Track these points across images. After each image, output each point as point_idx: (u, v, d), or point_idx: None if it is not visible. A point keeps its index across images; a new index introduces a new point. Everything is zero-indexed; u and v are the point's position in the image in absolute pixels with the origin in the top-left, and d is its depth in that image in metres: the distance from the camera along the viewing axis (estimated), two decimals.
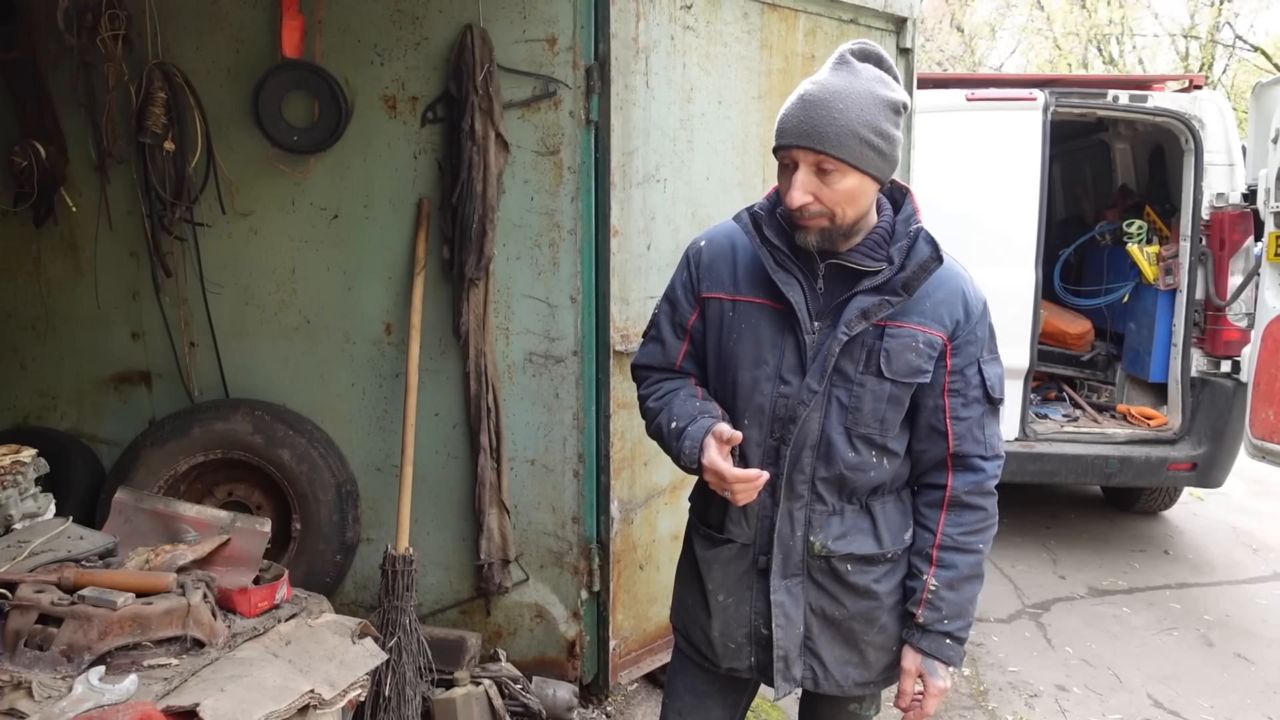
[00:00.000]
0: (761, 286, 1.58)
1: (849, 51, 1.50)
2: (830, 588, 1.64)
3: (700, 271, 1.65)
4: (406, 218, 2.88)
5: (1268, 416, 3.94)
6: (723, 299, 1.62)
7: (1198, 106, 4.40)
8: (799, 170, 1.48)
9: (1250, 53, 17.29)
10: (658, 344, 1.72)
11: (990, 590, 4.25)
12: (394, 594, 2.65)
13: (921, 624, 1.62)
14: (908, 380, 1.57)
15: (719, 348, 1.64)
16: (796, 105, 1.48)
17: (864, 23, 3.63)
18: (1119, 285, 5.19)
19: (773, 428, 1.59)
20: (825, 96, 1.45)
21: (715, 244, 1.66)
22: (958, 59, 20.71)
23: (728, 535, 1.67)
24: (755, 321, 1.59)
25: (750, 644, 1.67)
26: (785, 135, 1.49)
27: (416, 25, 2.80)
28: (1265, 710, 3.25)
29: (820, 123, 1.45)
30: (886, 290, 1.53)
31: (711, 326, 1.64)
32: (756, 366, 1.59)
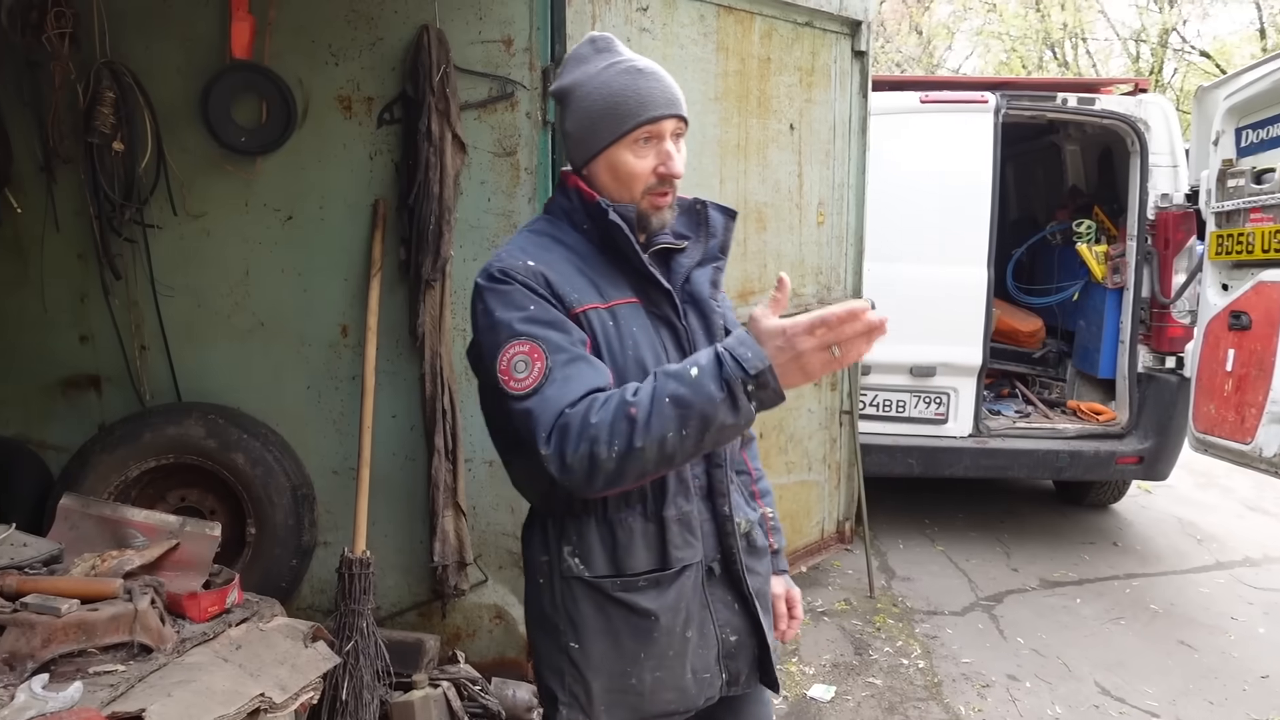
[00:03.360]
0: (624, 286, 1.48)
1: (610, 39, 1.51)
2: (750, 563, 1.59)
3: (556, 289, 1.41)
4: (362, 219, 2.86)
5: (1209, 410, 4.05)
6: (599, 308, 1.44)
7: (1143, 109, 4.51)
8: (668, 140, 1.45)
9: (1198, 57, 17.74)
10: (584, 363, 1.36)
11: (945, 583, 4.33)
12: (351, 597, 2.63)
13: (775, 549, 1.71)
14: (719, 300, 1.61)
15: (619, 364, 1.42)
16: (641, 78, 1.44)
17: (819, 25, 3.69)
18: (1069, 284, 5.31)
19: None
20: (656, 69, 1.46)
21: (548, 257, 1.44)
22: (916, 60, 20.98)
23: (676, 564, 1.48)
24: (638, 322, 1.47)
25: (719, 663, 1.54)
26: (651, 106, 1.42)
27: (372, 26, 2.79)
28: (1206, 695, 3.35)
29: (674, 91, 1.47)
30: (709, 259, 1.55)
31: (600, 341, 1.43)
32: (658, 365, 1.43)
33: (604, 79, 1.44)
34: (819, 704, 3.26)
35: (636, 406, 1.25)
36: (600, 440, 1.26)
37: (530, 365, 1.33)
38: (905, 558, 4.67)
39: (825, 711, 3.22)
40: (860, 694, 3.34)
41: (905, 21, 21.33)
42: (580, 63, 1.49)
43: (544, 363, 1.33)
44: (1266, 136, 3.92)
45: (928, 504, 5.41)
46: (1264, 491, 5.69)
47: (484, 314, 1.39)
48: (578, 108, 1.46)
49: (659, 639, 1.46)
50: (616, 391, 1.31)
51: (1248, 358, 3.81)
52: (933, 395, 4.63)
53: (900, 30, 21.40)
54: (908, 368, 4.59)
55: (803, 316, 1.22)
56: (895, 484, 5.23)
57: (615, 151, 1.44)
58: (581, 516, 1.47)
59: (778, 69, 3.52)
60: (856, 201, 3.99)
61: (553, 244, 1.48)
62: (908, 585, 4.32)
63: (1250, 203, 3.86)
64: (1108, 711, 3.24)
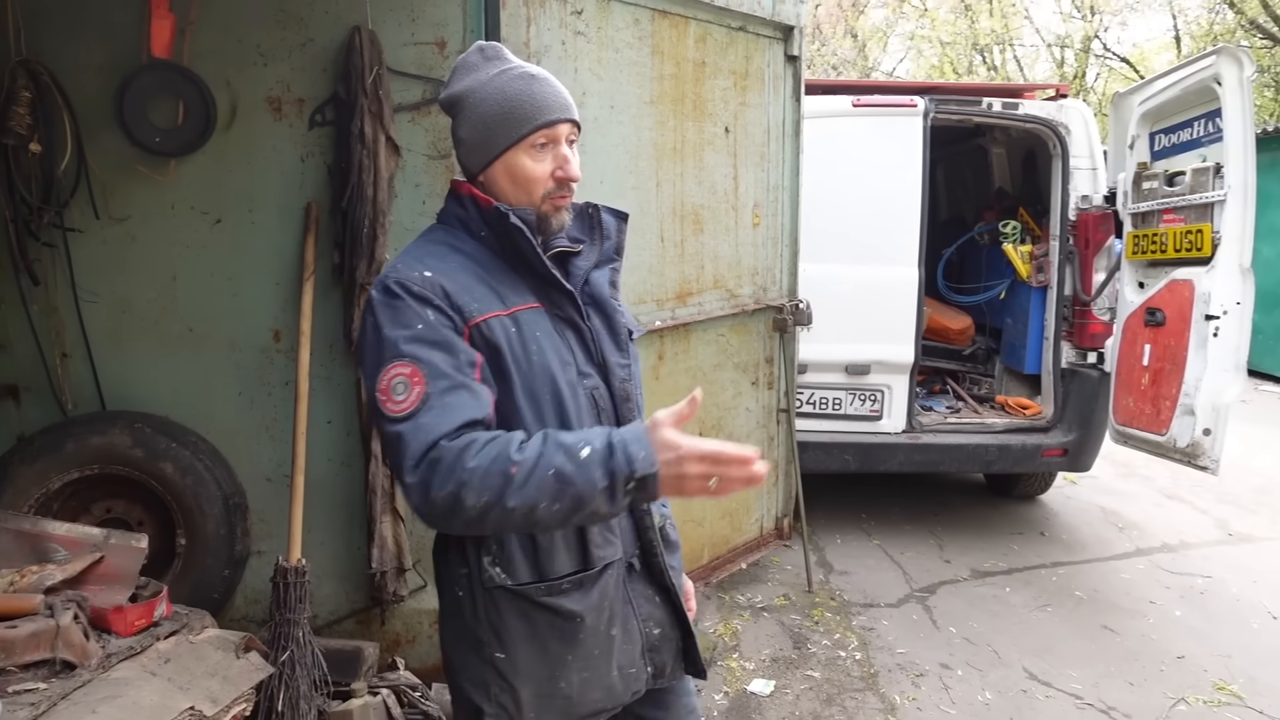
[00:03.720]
0: (526, 291, 1.46)
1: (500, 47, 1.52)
2: (667, 556, 1.61)
3: (454, 300, 1.37)
4: (294, 222, 2.82)
5: (1128, 404, 4.23)
6: (501, 316, 1.41)
7: (1063, 114, 4.68)
8: (564, 145, 1.47)
9: (1118, 63, 18.42)
10: (464, 392, 1.32)
11: (881, 576, 4.43)
12: (286, 607, 2.59)
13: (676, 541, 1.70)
14: (638, 335, 1.65)
15: (524, 371, 1.41)
16: (536, 83, 1.46)
17: (753, 30, 3.74)
18: (996, 282, 5.48)
19: (601, 422, 1.49)
20: (546, 74, 1.49)
21: (445, 266, 1.41)
22: (851, 63, 21.36)
23: (599, 563, 1.48)
24: (541, 326, 1.46)
25: (644, 657, 1.56)
26: (547, 111, 1.44)
27: (301, 26, 2.74)
28: (1127, 676, 3.49)
29: (566, 96, 1.49)
30: (605, 261, 1.58)
31: (505, 351, 1.40)
32: (565, 370, 1.46)
33: (497, 85, 1.44)
34: (759, 698, 3.31)
35: (518, 466, 1.23)
36: (470, 486, 1.23)
37: (409, 389, 1.30)
38: (843, 552, 4.76)
39: (765, 705, 3.27)
40: (799, 687, 3.40)
41: (840, 25, 21.70)
42: (470, 70, 1.49)
43: (423, 388, 1.30)
44: (1177, 141, 4.11)
45: (864, 499, 5.52)
46: (1180, 480, 5.94)
47: (372, 329, 1.36)
48: (472, 114, 1.45)
49: (585, 640, 1.47)
50: (501, 440, 1.27)
51: (1162, 353, 3.98)
52: (867, 393, 4.74)
53: (835, 33, 21.77)
54: (843, 366, 4.68)
55: (699, 444, 1.23)
56: (832, 480, 5.34)
57: (513, 156, 1.45)
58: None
59: (713, 73, 3.57)
60: (791, 203, 4.05)
61: (451, 252, 1.45)
62: (845, 579, 4.41)
63: (1163, 204, 4.04)
64: (1035, 696, 3.36)
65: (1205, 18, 16.74)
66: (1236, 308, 3.66)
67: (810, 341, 4.39)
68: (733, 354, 3.88)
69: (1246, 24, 13.91)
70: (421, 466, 1.26)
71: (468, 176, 1.51)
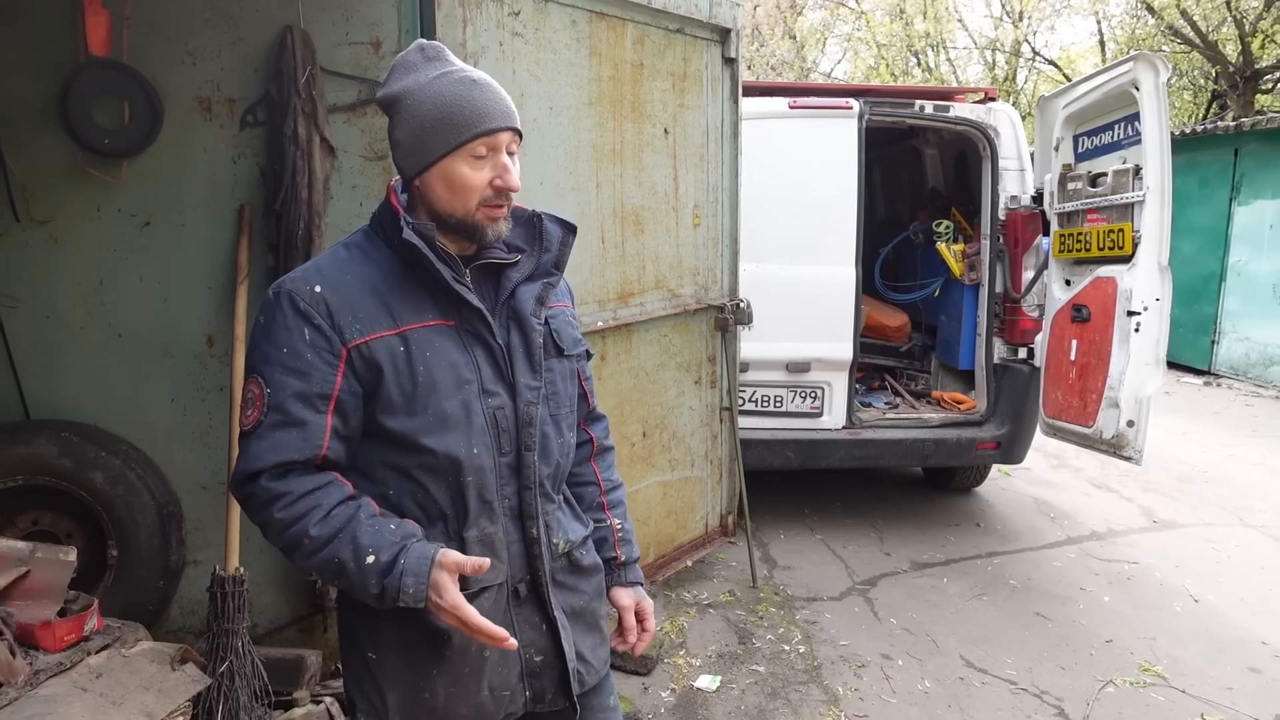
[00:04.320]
0: (426, 307, 1.43)
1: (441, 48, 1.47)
2: (571, 582, 1.60)
3: (337, 319, 1.37)
4: (227, 224, 2.77)
5: (1057, 397, 4.37)
6: (386, 336, 1.39)
7: (992, 117, 4.81)
8: (503, 154, 1.43)
9: (1046, 66, 18.98)
10: (294, 429, 1.34)
11: (824, 570, 4.51)
12: (224, 616, 2.54)
13: (624, 561, 1.71)
14: (576, 353, 1.62)
15: (407, 391, 1.40)
16: (476, 89, 1.41)
17: (690, 32, 3.77)
18: (931, 280, 5.61)
19: (501, 444, 1.47)
20: (488, 78, 1.44)
21: (336, 282, 1.40)
22: (789, 64, 21.62)
23: (475, 585, 1.45)
24: (439, 344, 1.42)
25: (522, 681, 1.55)
26: (487, 119, 1.39)
27: (232, 25, 2.69)
28: (1058, 661, 3.61)
29: (508, 103, 1.44)
30: (540, 274, 1.54)
31: (388, 372, 1.39)
32: (460, 390, 1.43)
33: (438, 89, 1.40)
34: (705, 694, 3.35)
35: (311, 541, 1.34)
36: (272, 531, 1.37)
37: (251, 407, 1.37)
38: (786, 547, 4.83)
39: (711, 701, 3.31)
40: (745, 681, 3.44)
41: (779, 26, 21.96)
42: (409, 70, 1.43)
43: (259, 414, 1.36)
44: (1100, 143, 4.26)
45: (807, 494, 5.61)
46: (1108, 471, 6.15)
47: (257, 329, 1.41)
48: (410, 116, 1.41)
49: (452, 656, 1.47)
50: (308, 504, 1.35)
51: (1088, 348, 4.13)
52: (808, 390, 4.81)
53: (774, 34, 22.02)
54: (784, 364, 4.75)
55: (458, 606, 1.32)
56: (776, 476, 5.41)
57: (450, 163, 1.40)
58: None
59: (651, 74, 3.59)
60: (730, 204, 4.10)
61: (357, 262, 1.43)
62: (789, 574, 4.48)
63: (1087, 204, 4.19)
64: (971, 683, 3.45)
65: (1128, 23, 17.34)
66: (1156, 304, 3.81)
67: (752, 340, 4.45)
68: (675, 353, 3.92)
69: (1166, 29, 14.45)
70: (240, 491, 1.38)
71: (404, 180, 1.47)
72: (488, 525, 1.48)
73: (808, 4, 21.74)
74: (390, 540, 1.35)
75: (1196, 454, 6.71)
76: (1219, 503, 5.59)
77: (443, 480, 1.44)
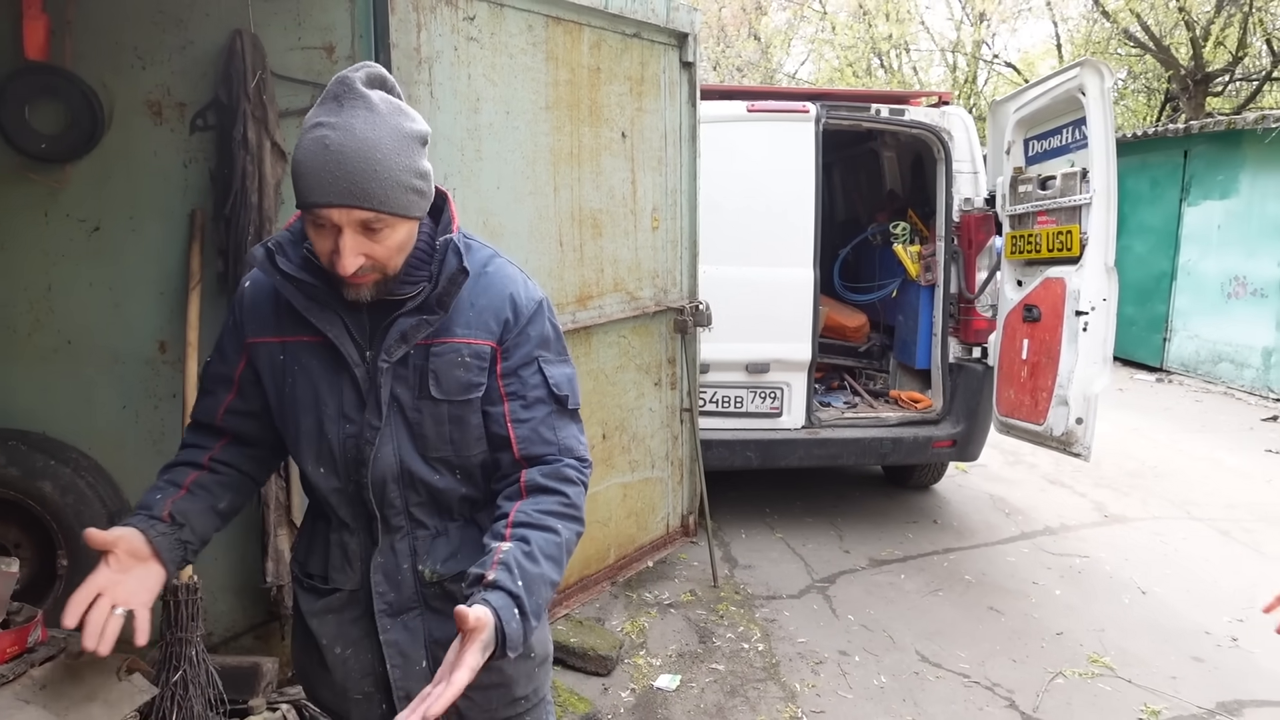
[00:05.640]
0: (307, 323, 1.43)
1: (358, 80, 1.29)
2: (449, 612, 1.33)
3: (243, 315, 1.50)
4: (178, 230, 2.74)
5: (1010, 395, 4.46)
6: (270, 342, 1.47)
7: (946, 120, 4.90)
8: (344, 233, 1.29)
9: (1006, 68, 19.27)
10: (207, 396, 1.57)
11: (783, 569, 4.57)
12: (177, 625, 2.52)
13: (492, 581, 1.30)
14: (462, 398, 1.46)
15: (278, 396, 1.49)
16: (323, 156, 1.25)
17: (647, 37, 3.80)
18: (889, 281, 5.70)
19: (347, 470, 1.47)
20: (357, 146, 1.26)
21: (258, 283, 1.50)
22: (755, 65, 21.76)
23: (334, 584, 1.54)
24: (307, 362, 1.45)
25: (379, 691, 1.56)
26: (317, 192, 1.26)
27: (181, 28, 2.67)
28: (1010, 654, 3.70)
29: (361, 177, 1.26)
30: (425, 309, 1.42)
31: (265, 374, 1.49)
32: (317, 409, 1.45)
33: (303, 141, 1.28)
34: (665, 693, 3.38)
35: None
36: None
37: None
38: (747, 546, 4.88)
39: (671, 700, 3.34)
40: (704, 680, 3.48)
41: (744, 27, 22.08)
42: (321, 100, 1.31)
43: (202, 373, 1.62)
44: (1049, 147, 4.35)
45: (767, 494, 5.67)
46: (1062, 466, 6.29)
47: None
48: None
49: (318, 638, 1.58)
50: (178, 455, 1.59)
51: (1039, 347, 4.22)
52: (768, 390, 4.87)
53: (739, 35, 22.14)
54: (743, 365, 4.80)
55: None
56: (737, 476, 5.46)
57: (305, 217, 1.33)
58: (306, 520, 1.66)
59: (608, 78, 3.61)
60: (689, 206, 4.14)
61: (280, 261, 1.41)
62: (749, 573, 4.52)
63: (1037, 206, 4.28)
64: (926, 677, 3.52)
65: (1084, 26, 17.65)
66: (1103, 304, 3.90)
67: (711, 341, 4.49)
68: (635, 355, 3.94)
69: (1121, 33, 14.74)
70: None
71: None
72: (345, 535, 1.55)
73: (772, 5, 21.88)
74: (144, 503, 1.51)
75: (1147, 449, 6.87)
76: (1168, 497, 5.74)
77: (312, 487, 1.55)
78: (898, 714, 3.27)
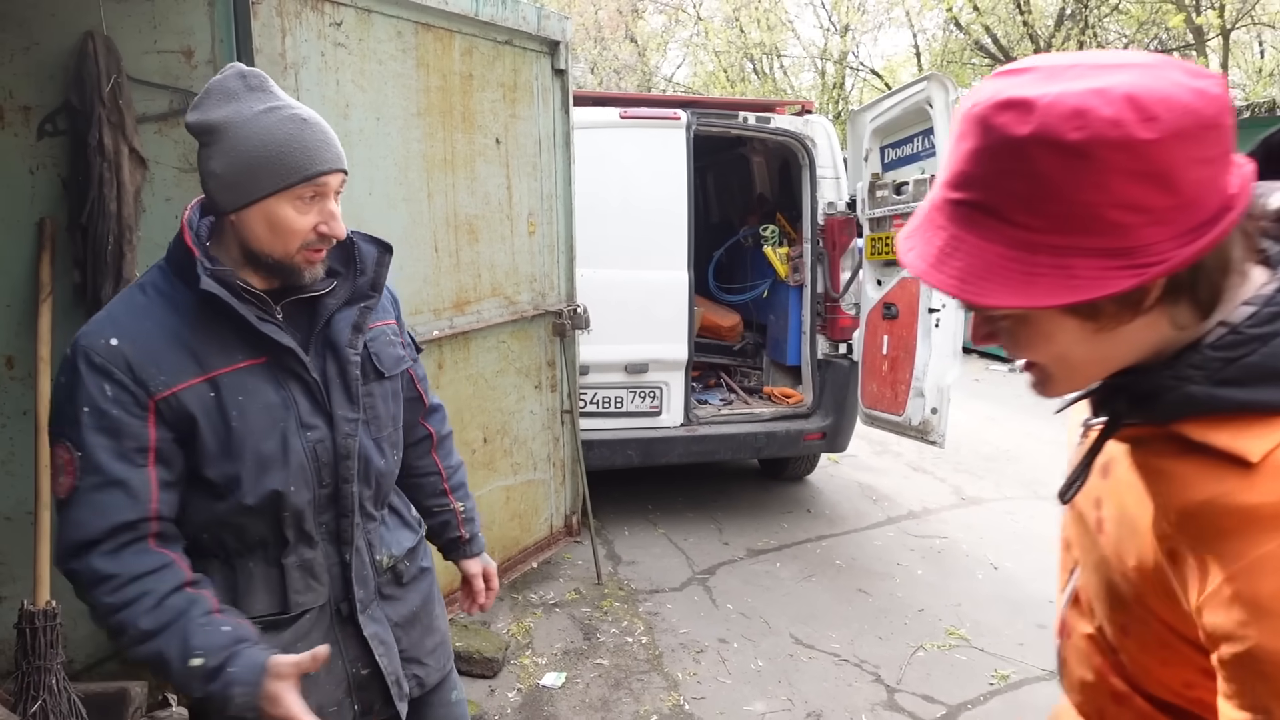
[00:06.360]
0: (234, 349, 1.39)
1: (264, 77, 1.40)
2: (397, 593, 1.66)
3: (138, 372, 1.32)
4: (25, 239, 2.62)
5: (873, 388, 4.73)
6: (195, 384, 1.35)
7: (809, 128, 5.14)
8: (331, 199, 1.40)
9: (871, 75, 20.17)
10: (116, 489, 1.29)
11: (666, 563, 4.70)
12: (35, 654, 2.42)
13: (469, 538, 1.90)
14: (397, 371, 1.63)
15: (222, 438, 1.37)
16: (305, 128, 1.35)
17: (519, 44, 3.84)
18: (760, 282, 5.92)
19: (321, 477, 1.48)
20: (318, 119, 1.39)
21: (134, 332, 1.34)
22: (631, 69, 21.98)
23: (296, 608, 1.51)
24: (253, 386, 1.40)
25: (350, 695, 1.59)
26: (316, 161, 1.35)
27: (24, 29, 2.55)
28: (877, 632, 3.93)
29: (335, 144, 1.40)
30: (358, 298, 1.53)
31: (199, 421, 1.36)
32: (276, 428, 1.42)
33: (265, 125, 1.33)
34: (551, 691, 3.44)
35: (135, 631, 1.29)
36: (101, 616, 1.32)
37: (63, 474, 1.31)
38: (630, 543, 4.99)
39: (557, 697, 3.40)
40: (589, 675, 3.56)
41: (621, 30, 22.28)
42: (229, 98, 1.35)
43: (73, 479, 1.29)
44: (902, 154, 4.64)
45: (649, 491, 5.79)
46: (925, 454, 6.67)
47: (55, 388, 1.36)
48: (231, 150, 1.33)
49: None
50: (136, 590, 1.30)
51: (897, 342, 4.50)
52: (646, 390, 4.99)
53: (616, 38, 22.33)
54: (622, 366, 4.90)
55: (294, 714, 1.31)
56: (618, 475, 5.55)
57: (274, 203, 1.35)
58: (207, 557, 1.46)
59: (480, 85, 3.64)
60: (565, 211, 4.20)
61: (156, 307, 1.37)
62: (633, 569, 4.63)
63: (893, 210, 4.56)
64: (800, 659, 3.71)
65: (941, 36, 18.67)
66: (953, 301, 4.19)
67: (591, 344, 4.57)
68: (514, 359, 3.98)
69: (973, 44, 15.69)
70: (65, 566, 1.32)
71: (214, 211, 1.41)
72: (306, 551, 1.51)
73: (648, 9, 22.16)
74: (220, 644, 1.30)
75: (1001, 436, 7.37)
76: (1018, 479, 6.19)
77: (261, 517, 1.45)
78: (773, 695, 3.44)
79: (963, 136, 0.77)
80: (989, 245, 0.76)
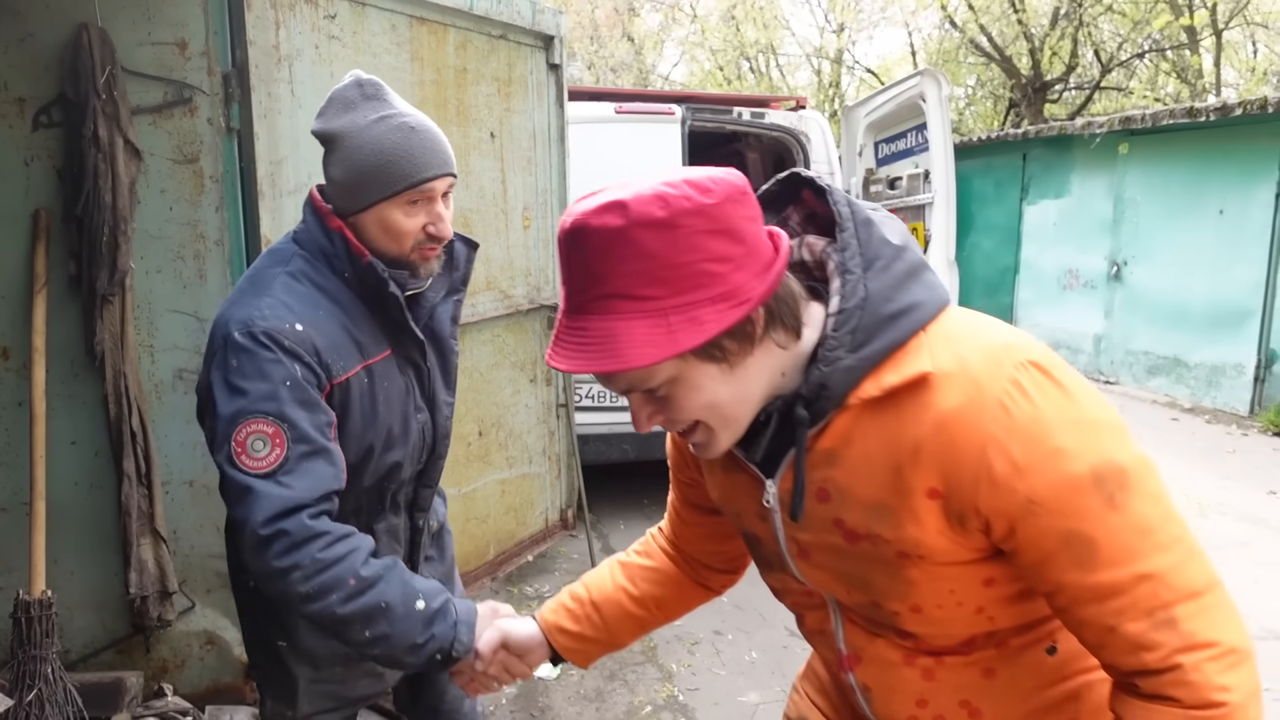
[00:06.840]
0: (382, 338, 1.53)
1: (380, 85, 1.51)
2: (435, 554, 1.83)
3: (324, 357, 1.41)
4: (20, 231, 2.62)
5: None
6: (358, 370, 1.47)
7: (804, 123, 5.15)
8: (439, 201, 1.48)
9: (866, 74, 20.22)
10: (322, 458, 1.36)
11: None
12: (30, 643, 2.43)
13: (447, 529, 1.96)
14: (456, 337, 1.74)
15: (368, 419, 1.49)
16: (413, 136, 1.44)
17: (513, 39, 3.86)
18: None
19: (420, 454, 1.64)
20: (429, 124, 1.49)
21: (315, 317, 1.43)
22: (628, 67, 22.00)
23: None
24: (389, 372, 1.54)
25: None
26: (424, 167, 1.43)
27: (18, 20, 2.56)
28: None
29: (446, 148, 1.49)
30: (452, 293, 1.65)
31: (353, 405, 1.47)
32: (401, 410, 1.56)
33: (376, 134, 1.42)
34: (545, 682, 3.45)
35: (357, 580, 1.31)
36: (305, 573, 1.29)
37: (269, 447, 1.32)
38: (626, 537, 5.00)
39: (552, 688, 3.42)
40: None
41: (618, 28, 22.30)
42: (347, 108, 1.45)
43: (284, 450, 1.32)
44: (896, 150, 4.67)
45: (645, 485, 5.80)
46: None
47: (232, 372, 1.34)
48: (347, 158, 1.43)
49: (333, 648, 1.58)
50: (352, 544, 1.33)
51: None
52: None
53: (613, 36, 22.35)
54: None
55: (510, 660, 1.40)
56: (614, 469, 5.57)
57: (386, 209, 1.44)
58: None
59: (475, 79, 3.65)
60: (559, 206, 4.22)
61: (317, 295, 1.45)
62: None
63: (887, 205, 4.58)
64: (794, 650, 3.72)
65: (936, 35, 18.72)
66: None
67: None
68: (509, 353, 3.99)
69: (968, 43, 15.73)
70: (271, 529, 1.29)
71: (337, 213, 1.49)
72: (394, 518, 1.64)
73: (645, 7, 22.18)
74: (434, 589, 1.38)
75: None
76: None
77: (373, 488, 1.57)
78: (768, 685, 3.45)
79: (571, 250, 0.90)
80: (633, 323, 0.88)
